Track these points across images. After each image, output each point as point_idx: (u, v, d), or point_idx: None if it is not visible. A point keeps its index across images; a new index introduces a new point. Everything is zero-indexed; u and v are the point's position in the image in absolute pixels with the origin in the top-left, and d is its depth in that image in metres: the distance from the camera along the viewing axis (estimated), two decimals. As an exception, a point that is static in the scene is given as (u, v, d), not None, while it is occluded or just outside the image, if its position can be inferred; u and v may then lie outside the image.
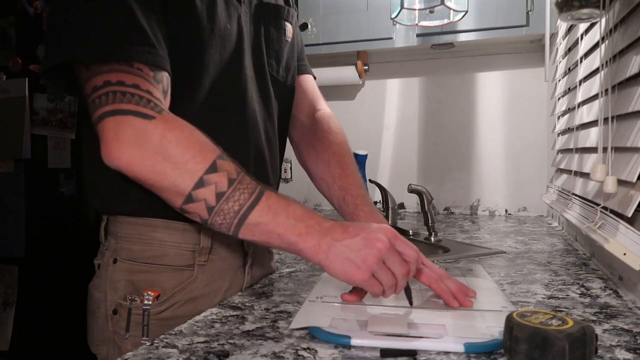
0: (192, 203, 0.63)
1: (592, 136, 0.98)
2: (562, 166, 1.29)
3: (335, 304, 0.69)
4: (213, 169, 0.62)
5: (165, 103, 0.67)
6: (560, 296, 0.77)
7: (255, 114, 0.82)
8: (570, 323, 0.49)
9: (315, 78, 1.05)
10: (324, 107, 1.02)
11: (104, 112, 0.61)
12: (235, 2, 0.79)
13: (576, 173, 1.10)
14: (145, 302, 0.74)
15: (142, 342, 0.73)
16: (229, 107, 0.78)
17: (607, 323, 0.64)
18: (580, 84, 1.10)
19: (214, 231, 0.77)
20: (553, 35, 1.55)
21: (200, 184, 0.62)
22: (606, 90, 0.82)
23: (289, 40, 0.91)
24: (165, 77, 0.67)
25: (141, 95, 0.62)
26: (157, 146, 0.61)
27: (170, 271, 0.75)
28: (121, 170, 0.62)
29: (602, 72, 0.86)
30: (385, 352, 0.53)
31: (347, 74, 1.99)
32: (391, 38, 1.77)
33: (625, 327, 0.63)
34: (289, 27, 0.90)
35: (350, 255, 0.61)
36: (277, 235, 0.63)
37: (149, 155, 0.61)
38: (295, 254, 0.65)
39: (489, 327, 0.59)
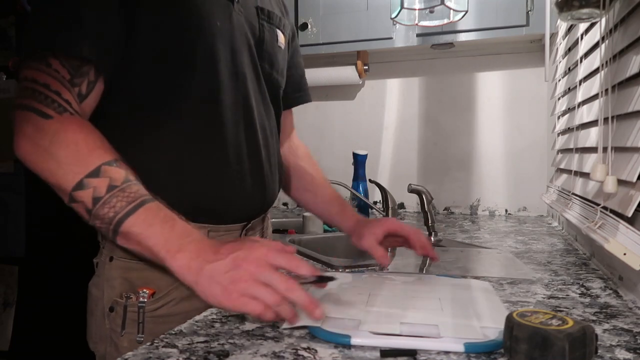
0: (74, 203, 0.64)
1: (592, 136, 0.98)
2: (562, 166, 1.29)
3: (329, 304, 0.69)
4: (95, 173, 0.64)
5: (85, 105, 0.70)
6: (560, 296, 0.77)
7: (253, 111, 0.84)
8: (570, 323, 0.49)
9: (310, 100, 1.12)
10: (295, 133, 1.12)
11: (16, 104, 0.66)
12: (226, 1, 0.81)
13: (576, 173, 1.10)
14: (141, 299, 0.75)
15: (137, 339, 0.75)
16: (225, 104, 0.79)
17: (607, 323, 0.64)
18: (580, 84, 1.10)
19: (210, 228, 0.80)
20: (553, 35, 1.55)
21: (79, 186, 0.63)
22: (606, 90, 0.82)
23: (282, 47, 0.94)
24: (87, 81, 0.69)
25: (47, 95, 0.66)
26: (48, 145, 0.64)
27: (166, 269, 0.75)
28: (23, 162, 0.66)
29: (602, 72, 0.86)
30: (385, 352, 0.53)
31: (347, 74, 1.99)
32: (391, 38, 1.77)
33: (625, 327, 0.63)
34: (281, 35, 0.93)
35: (220, 279, 0.58)
36: (148, 248, 0.63)
37: (40, 152, 0.64)
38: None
39: (483, 327, 0.59)
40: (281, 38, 0.93)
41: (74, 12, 0.68)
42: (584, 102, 1.07)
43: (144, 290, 0.76)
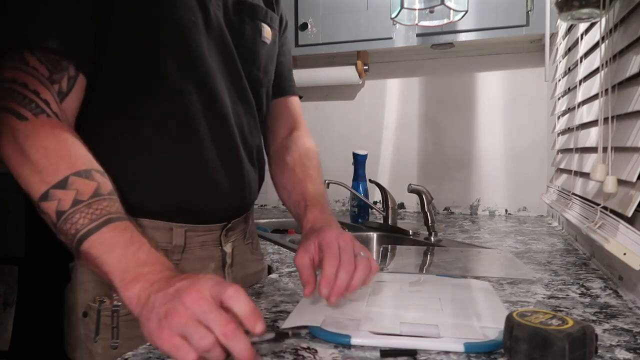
0: (42, 214, 0.61)
1: (592, 136, 0.98)
2: (562, 166, 1.29)
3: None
4: (62, 184, 0.59)
5: (67, 104, 0.66)
6: (560, 296, 0.77)
7: (228, 109, 0.79)
8: (570, 323, 0.49)
9: (301, 97, 1.04)
10: (303, 130, 1.00)
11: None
12: None
13: (576, 173, 1.10)
14: (115, 303, 0.72)
15: (111, 345, 0.72)
16: (194, 103, 0.75)
17: (607, 323, 0.64)
18: (580, 84, 1.10)
19: (188, 228, 0.77)
20: (553, 35, 1.55)
21: (45, 197, 0.59)
22: (606, 90, 0.82)
23: (267, 42, 0.88)
24: (67, 76, 0.66)
25: (25, 95, 0.63)
26: (21, 148, 0.61)
27: None
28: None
29: (602, 72, 0.86)
30: (385, 352, 0.53)
31: (347, 74, 1.99)
32: (391, 38, 1.77)
33: (625, 327, 0.63)
34: (266, 29, 0.87)
35: (157, 310, 0.50)
36: (105, 274, 0.57)
37: (16, 155, 0.62)
38: None
39: (483, 327, 0.59)
40: (267, 32, 0.87)
41: (47, 6, 0.65)
42: (584, 102, 1.07)
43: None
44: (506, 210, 1.91)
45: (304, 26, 1.86)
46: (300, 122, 1.01)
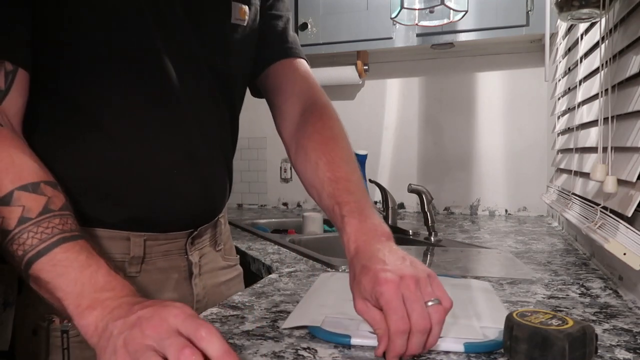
0: None
1: (592, 136, 0.98)
2: (562, 166, 1.29)
3: (329, 304, 0.69)
4: (5, 201, 0.53)
5: (10, 103, 0.60)
6: (560, 296, 0.77)
7: (183, 108, 0.70)
8: (570, 323, 0.49)
9: (307, 62, 0.87)
10: (320, 96, 0.82)
11: None
12: None
13: (576, 173, 1.10)
14: (65, 322, 0.65)
15: None
16: (141, 103, 0.68)
17: (607, 323, 0.64)
18: (580, 84, 1.10)
19: (147, 237, 0.69)
20: (553, 35, 1.55)
21: None
22: (606, 90, 0.82)
23: (241, 24, 0.75)
24: (3, 73, 0.60)
25: None
26: None
27: None
28: None
29: (602, 72, 0.86)
30: (386, 352, 0.53)
31: (347, 74, 1.99)
32: (391, 38, 1.77)
33: (625, 327, 0.63)
34: (240, 8, 0.75)
35: (115, 339, 0.45)
36: (57, 300, 0.51)
37: None
38: None
39: (483, 327, 0.59)
40: (240, 12, 0.75)
41: None
42: (584, 102, 1.07)
43: None
44: (506, 210, 1.91)
45: (304, 26, 1.86)
46: (312, 88, 0.82)
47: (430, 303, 0.51)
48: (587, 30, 1.07)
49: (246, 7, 0.76)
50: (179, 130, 0.70)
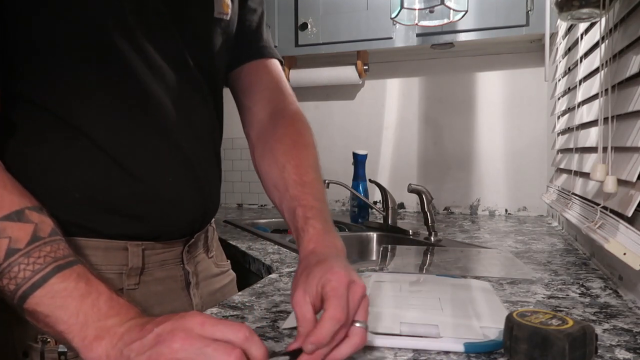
0: None
1: (592, 136, 0.98)
2: (562, 166, 1.29)
3: None
4: None
5: None
6: (560, 296, 0.77)
7: (165, 108, 0.66)
8: (570, 323, 0.49)
9: (282, 63, 0.85)
10: (291, 102, 0.81)
11: None
12: None
13: (576, 173, 1.10)
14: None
15: None
16: (127, 107, 0.64)
17: (607, 323, 0.64)
18: (580, 84, 1.10)
19: (145, 246, 0.67)
20: (553, 35, 1.55)
21: None
22: (606, 90, 0.82)
23: (224, 17, 0.72)
24: None
25: None
26: None
27: None
28: None
29: (602, 71, 0.86)
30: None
31: (347, 73, 1.99)
32: (391, 38, 1.77)
33: (625, 326, 0.63)
34: (224, 2, 0.72)
35: None
36: (59, 334, 0.48)
37: None
38: None
39: (483, 327, 0.59)
40: (223, 6, 0.72)
41: None
42: (584, 102, 1.07)
43: None
44: (506, 210, 1.91)
45: (304, 26, 1.86)
46: (284, 91, 0.81)
47: (358, 324, 0.50)
48: (587, 30, 1.07)
49: (227, 1, 0.72)
50: (170, 134, 0.67)
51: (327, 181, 1.56)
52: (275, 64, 0.83)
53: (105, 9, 0.60)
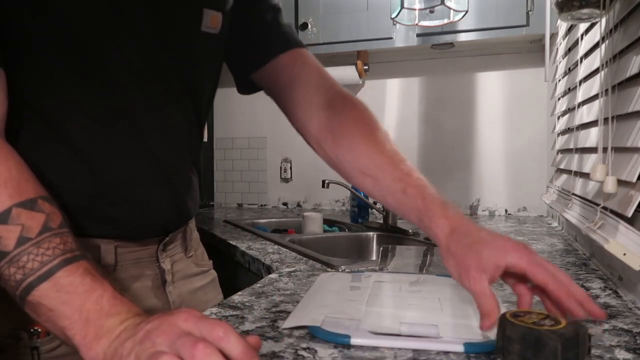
0: None
1: (592, 136, 0.98)
2: (562, 166, 1.29)
3: (329, 304, 0.69)
4: (3, 218, 0.49)
5: None
6: (560, 296, 0.77)
7: (148, 118, 0.67)
8: (564, 323, 0.49)
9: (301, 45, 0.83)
10: (341, 88, 0.80)
11: None
12: None
13: (576, 173, 1.10)
14: (35, 339, 0.60)
15: None
16: (105, 113, 0.63)
17: (607, 323, 0.64)
18: (580, 84, 1.10)
19: (118, 242, 0.66)
20: (553, 35, 1.55)
21: None
22: (606, 90, 0.82)
23: (212, 32, 0.71)
24: None
25: None
26: None
27: None
28: None
29: (602, 72, 0.86)
30: None
31: (347, 73, 1.98)
32: (391, 38, 1.77)
33: (625, 327, 0.63)
34: (211, 15, 0.70)
35: (127, 358, 0.44)
36: (60, 329, 0.48)
37: None
38: None
39: None
40: (212, 20, 0.70)
41: None
42: (584, 102, 1.07)
43: (36, 328, 0.60)
44: (506, 210, 1.91)
45: (304, 26, 1.86)
46: (329, 78, 0.81)
47: None
48: (587, 31, 1.07)
49: (219, 15, 0.71)
50: (143, 138, 0.66)
51: (326, 181, 1.56)
52: (306, 52, 0.81)
53: (92, 17, 0.60)
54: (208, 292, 0.85)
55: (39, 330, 0.60)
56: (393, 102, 2.06)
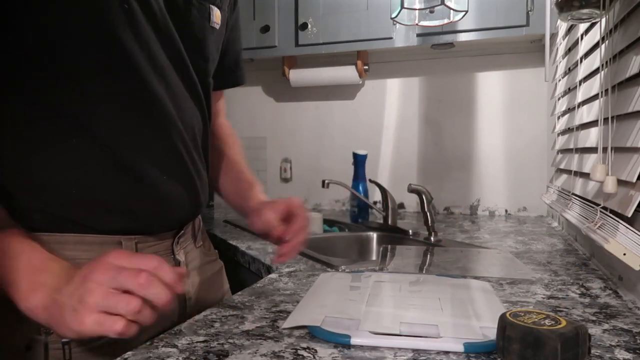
0: None
1: (592, 136, 0.98)
2: (562, 166, 1.29)
3: (329, 304, 0.69)
4: None
5: None
6: (560, 296, 0.77)
7: (166, 108, 0.69)
8: (563, 323, 0.49)
9: (244, 82, 1.01)
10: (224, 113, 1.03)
11: None
12: None
13: (576, 173, 1.10)
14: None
15: None
16: (128, 108, 0.65)
17: (607, 323, 0.64)
18: (580, 84, 1.10)
19: (138, 240, 0.70)
20: (553, 35, 1.55)
21: None
22: (606, 90, 0.82)
23: (216, 27, 0.78)
24: None
25: None
26: None
27: None
28: None
29: (602, 72, 0.86)
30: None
31: (347, 73, 1.99)
32: (391, 38, 1.77)
33: (625, 327, 0.63)
34: (216, 12, 0.77)
35: (68, 303, 0.49)
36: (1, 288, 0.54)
37: None
38: None
39: (482, 327, 0.59)
40: (216, 16, 0.77)
41: None
42: (584, 102, 1.07)
43: None
44: (506, 211, 1.91)
45: (304, 26, 1.86)
46: (220, 111, 1.00)
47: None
48: (587, 31, 1.07)
49: (219, 12, 0.78)
50: (167, 133, 0.70)
51: (327, 181, 1.56)
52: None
53: (105, 11, 0.61)
54: (216, 281, 0.91)
55: None
56: (393, 102, 2.06)
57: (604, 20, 0.85)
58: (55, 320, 0.51)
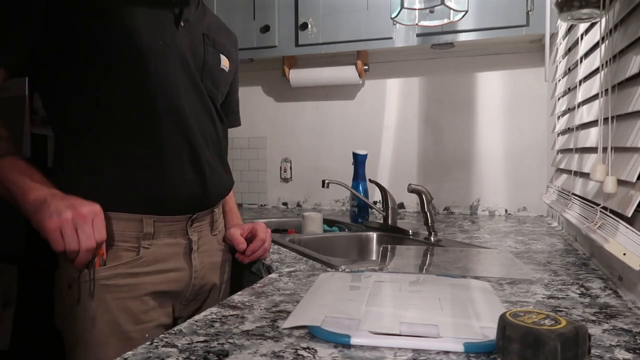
0: None
1: (592, 136, 0.98)
2: (562, 166, 1.29)
3: (329, 303, 0.69)
4: None
5: None
6: (560, 296, 0.77)
7: (187, 118, 0.93)
8: (563, 323, 0.49)
9: (239, 125, 1.26)
10: None
11: None
12: (167, 24, 0.93)
13: (576, 173, 1.10)
14: (91, 271, 0.85)
15: (92, 307, 0.85)
16: (157, 111, 0.90)
17: (607, 323, 0.64)
18: (580, 84, 1.10)
19: (156, 219, 0.92)
20: (553, 35, 1.55)
21: None
22: (606, 90, 0.82)
23: (225, 70, 1.06)
24: None
25: None
26: None
27: (117, 251, 0.88)
28: None
29: (602, 72, 0.86)
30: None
31: (347, 73, 1.98)
32: (391, 38, 1.77)
33: (625, 327, 0.63)
34: (224, 59, 1.05)
35: (52, 208, 0.75)
36: (10, 194, 0.80)
37: None
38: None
39: (482, 327, 0.59)
40: (224, 62, 1.06)
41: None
42: (584, 102, 1.07)
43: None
44: (506, 210, 1.91)
45: (304, 26, 1.86)
46: None
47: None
48: (587, 31, 1.07)
49: (227, 59, 1.07)
50: (187, 139, 0.93)
51: (327, 181, 1.56)
52: None
53: (152, 48, 0.89)
54: (225, 267, 1.09)
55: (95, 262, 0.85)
56: (393, 102, 2.07)
57: (604, 20, 0.85)
58: (38, 215, 0.76)
